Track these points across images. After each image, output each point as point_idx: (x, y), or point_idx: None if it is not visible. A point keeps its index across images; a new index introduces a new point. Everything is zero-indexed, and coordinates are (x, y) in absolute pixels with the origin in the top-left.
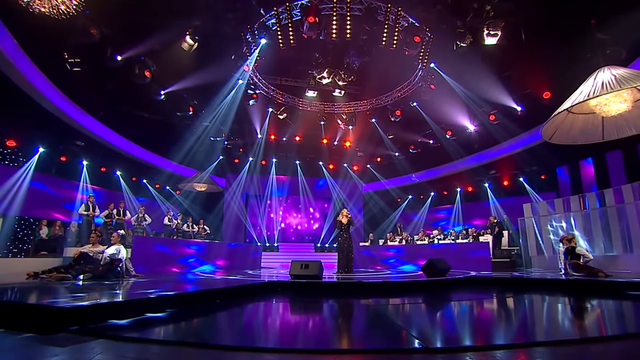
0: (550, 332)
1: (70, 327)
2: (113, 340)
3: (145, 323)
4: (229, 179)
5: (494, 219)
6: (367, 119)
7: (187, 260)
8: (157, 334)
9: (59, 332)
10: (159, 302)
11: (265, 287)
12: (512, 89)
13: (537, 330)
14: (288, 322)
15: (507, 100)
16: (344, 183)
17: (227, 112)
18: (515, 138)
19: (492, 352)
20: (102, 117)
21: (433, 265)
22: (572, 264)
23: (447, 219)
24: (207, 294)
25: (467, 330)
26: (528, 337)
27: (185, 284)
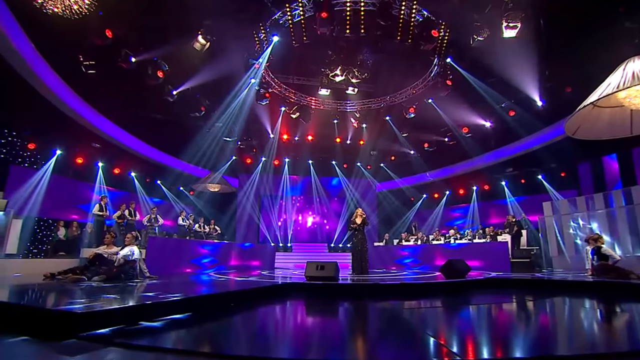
0: (590, 343)
1: (81, 332)
2: (125, 348)
3: (159, 329)
4: (242, 179)
5: (512, 218)
6: (381, 116)
7: (201, 261)
8: (171, 341)
9: (69, 339)
10: (173, 306)
11: (280, 290)
12: (532, 83)
13: (579, 340)
14: (305, 328)
15: (527, 95)
16: (358, 182)
17: (240, 112)
18: (534, 134)
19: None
20: (117, 119)
21: (452, 266)
22: (600, 265)
23: (462, 218)
24: (221, 297)
25: (502, 341)
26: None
27: (199, 286)
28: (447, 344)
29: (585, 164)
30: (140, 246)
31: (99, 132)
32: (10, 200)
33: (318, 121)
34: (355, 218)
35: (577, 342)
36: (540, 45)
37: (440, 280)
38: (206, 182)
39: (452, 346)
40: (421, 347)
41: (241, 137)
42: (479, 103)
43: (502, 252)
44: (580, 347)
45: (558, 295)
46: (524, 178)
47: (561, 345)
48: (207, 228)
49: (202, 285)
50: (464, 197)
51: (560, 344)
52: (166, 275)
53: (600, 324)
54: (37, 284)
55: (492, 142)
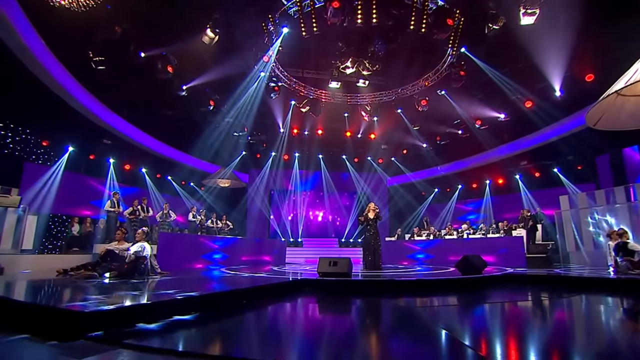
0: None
1: (89, 333)
2: (134, 350)
3: (169, 328)
4: (252, 174)
5: (527, 212)
6: (393, 109)
7: (212, 257)
8: (182, 341)
9: (77, 339)
10: (184, 305)
11: (293, 286)
12: (550, 73)
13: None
14: (320, 329)
15: (544, 85)
16: (369, 177)
17: (249, 107)
18: (550, 126)
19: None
20: (127, 115)
21: (469, 262)
22: (625, 261)
23: (475, 213)
24: (233, 294)
25: (536, 344)
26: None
27: (210, 282)
28: (476, 348)
29: (604, 156)
30: (151, 242)
31: (110, 129)
32: (24, 196)
33: (328, 115)
34: (367, 212)
35: (608, 347)
36: (559, 33)
37: (457, 277)
38: (216, 178)
39: (480, 349)
40: (447, 350)
41: (251, 131)
42: (493, 94)
43: (517, 247)
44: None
45: (582, 293)
46: (539, 171)
47: (593, 350)
48: (219, 223)
49: (214, 282)
50: (477, 191)
51: (593, 349)
52: (177, 271)
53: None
54: (48, 280)
55: (505, 135)
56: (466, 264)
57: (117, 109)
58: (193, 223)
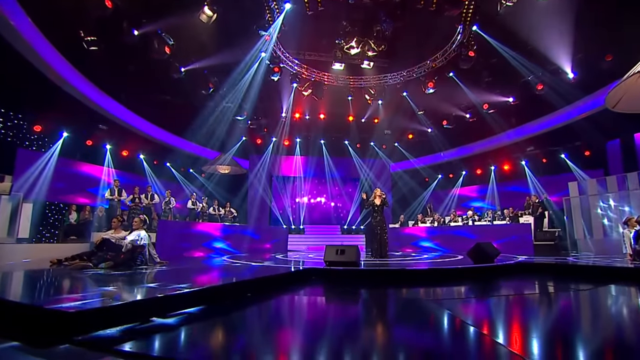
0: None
1: (77, 336)
2: (126, 358)
3: (170, 327)
4: (253, 160)
5: (535, 199)
6: (398, 92)
7: (212, 245)
8: (184, 343)
9: (62, 344)
10: (184, 299)
11: (298, 277)
12: (565, 53)
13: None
14: (331, 323)
15: (557, 67)
16: (372, 162)
17: (250, 89)
18: (558, 111)
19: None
20: (124, 99)
21: (482, 250)
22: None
23: (480, 199)
24: (237, 287)
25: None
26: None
27: (212, 273)
28: (512, 348)
29: (614, 142)
30: (151, 230)
31: (105, 113)
32: (18, 184)
33: (331, 98)
34: (373, 198)
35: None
36: (577, 9)
37: (471, 266)
38: (216, 164)
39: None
40: (477, 348)
41: (251, 116)
42: (502, 76)
43: (525, 234)
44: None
45: (603, 283)
46: (545, 157)
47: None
48: (222, 211)
49: (216, 272)
50: (482, 177)
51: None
52: (177, 261)
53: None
54: (40, 271)
55: (512, 119)
56: (479, 252)
57: (113, 93)
58: (192, 210)
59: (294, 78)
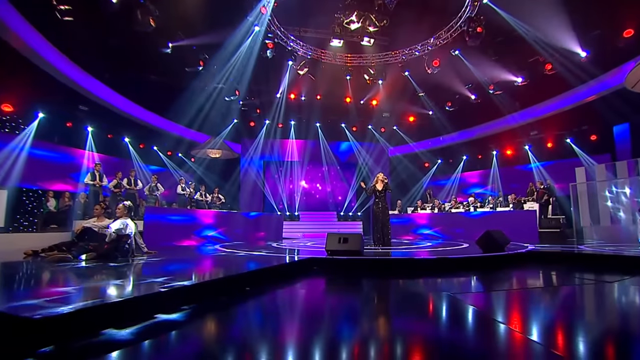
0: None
1: (42, 347)
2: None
3: (154, 332)
4: (245, 144)
5: (540, 185)
6: (399, 72)
7: (204, 233)
8: (179, 354)
9: (24, 359)
10: (173, 298)
11: (300, 267)
12: (579, 29)
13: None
14: (341, 321)
15: (570, 44)
16: (370, 147)
17: (242, 67)
18: (566, 93)
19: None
20: (107, 79)
21: (492, 238)
22: None
23: (481, 185)
24: (234, 280)
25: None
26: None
27: (205, 264)
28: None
29: (623, 125)
30: (138, 217)
31: (86, 93)
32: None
33: (328, 78)
34: (375, 183)
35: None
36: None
37: (481, 255)
38: (206, 148)
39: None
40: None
41: (244, 96)
42: (511, 55)
43: (530, 221)
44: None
45: (630, 274)
46: (550, 141)
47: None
48: (209, 197)
49: (210, 263)
50: (483, 162)
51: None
52: (166, 250)
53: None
54: (11, 264)
55: (517, 103)
56: (489, 240)
57: (93, 70)
58: (182, 196)
59: (289, 55)
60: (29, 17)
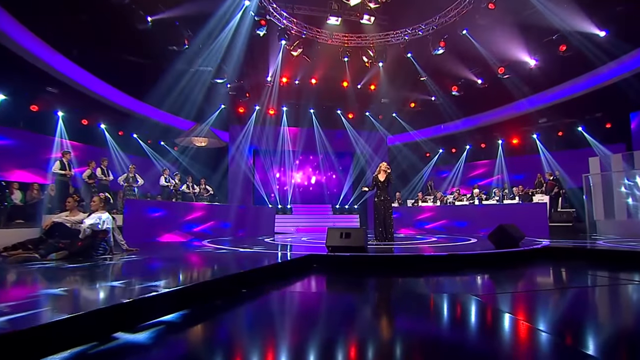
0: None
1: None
2: None
3: (145, 346)
4: (234, 131)
5: (548, 176)
6: (401, 54)
7: (190, 228)
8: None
9: None
10: (160, 304)
11: (299, 265)
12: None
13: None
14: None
15: (589, 23)
16: (368, 135)
17: (231, 47)
18: (579, 77)
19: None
20: (78, 57)
21: (506, 233)
22: None
23: (486, 177)
24: (228, 282)
25: None
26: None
27: (194, 263)
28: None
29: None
30: (116, 211)
31: (56, 74)
32: None
33: (324, 60)
34: (377, 174)
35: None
36: None
37: (497, 251)
38: (191, 136)
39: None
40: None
41: (232, 79)
42: (526, 33)
43: (540, 215)
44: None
45: None
46: (560, 130)
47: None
48: (196, 188)
49: (199, 262)
50: (488, 152)
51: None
52: (149, 248)
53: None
54: None
55: (526, 88)
56: (502, 235)
57: (63, 48)
58: (166, 188)
59: (282, 34)
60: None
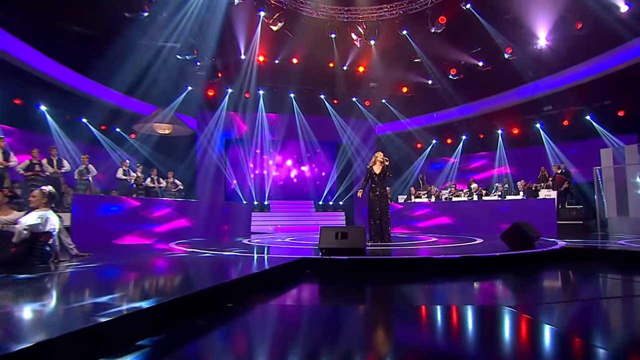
0: None
1: None
2: None
3: None
4: (203, 117)
5: (556, 169)
6: (396, 30)
7: (154, 228)
8: None
9: None
10: (121, 331)
11: (290, 271)
12: None
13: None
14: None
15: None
16: (355, 123)
17: (201, 18)
18: (591, 60)
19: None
20: (11, 25)
21: (521, 232)
22: None
23: (484, 170)
24: (210, 296)
25: None
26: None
27: (163, 271)
28: None
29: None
30: (62, 209)
31: None
32: None
33: (308, 36)
34: (372, 166)
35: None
36: None
37: (513, 252)
38: (152, 122)
39: None
40: None
41: (202, 56)
42: (534, 10)
43: (548, 212)
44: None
45: None
46: (566, 118)
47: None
48: (162, 182)
49: (169, 269)
50: (485, 143)
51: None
52: (105, 252)
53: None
54: None
55: (529, 73)
56: (518, 235)
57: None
58: (124, 182)
59: (260, 4)
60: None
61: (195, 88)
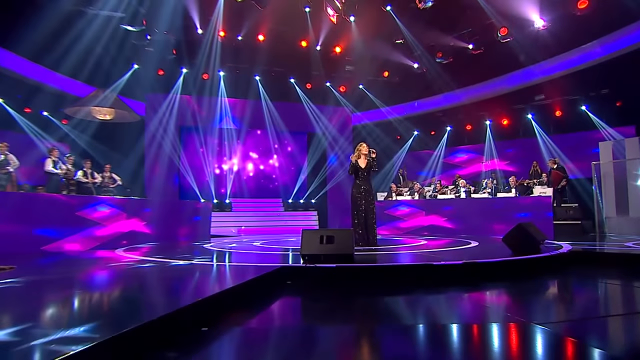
0: None
1: None
2: None
3: None
4: (153, 101)
5: (552, 164)
6: (378, 6)
7: (95, 232)
8: None
9: None
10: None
11: (269, 283)
12: None
13: None
14: None
15: None
16: (330, 111)
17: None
18: (590, 44)
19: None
20: None
21: (527, 234)
22: None
23: (472, 164)
24: (180, 319)
25: None
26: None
27: (114, 288)
28: None
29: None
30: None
31: None
32: None
33: (278, 10)
34: (356, 158)
35: None
36: None
37: (520, 257)
38: (90, 105)
39: None
40: None
41: (151, 28)
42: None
43: (544, 211)
44: None
45: None
46: (559, 109)
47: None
48: (98, 177)
49: (121, 285)
50: (473, 135)
51: None
52: (32, 263)
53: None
54: None
55: (522, 57)
56: (522, 237)
57: None
58: (54, 176)
59: None
60: None
61: (144, 67)
